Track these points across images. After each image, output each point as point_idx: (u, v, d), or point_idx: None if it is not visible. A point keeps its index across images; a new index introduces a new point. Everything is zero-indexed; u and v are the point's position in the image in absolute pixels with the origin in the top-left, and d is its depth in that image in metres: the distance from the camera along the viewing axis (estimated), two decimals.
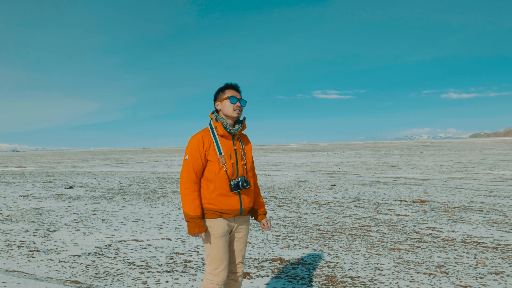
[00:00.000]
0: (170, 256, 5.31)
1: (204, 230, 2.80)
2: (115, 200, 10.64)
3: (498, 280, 4.25)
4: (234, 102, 2.86)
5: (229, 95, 2.88)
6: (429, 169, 20.80)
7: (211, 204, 2.82)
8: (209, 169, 2.83)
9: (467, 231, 6.55)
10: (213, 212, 2.83)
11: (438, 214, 8.11)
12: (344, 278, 4.40)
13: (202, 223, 2.79)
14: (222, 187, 2.82)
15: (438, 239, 6.04)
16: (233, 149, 2.90)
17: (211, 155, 2.82)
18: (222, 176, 2.82)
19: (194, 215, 2.77)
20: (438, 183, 14.28)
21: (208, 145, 2.83)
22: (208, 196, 2.83)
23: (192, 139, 2.88)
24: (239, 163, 2.90)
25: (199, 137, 2.85)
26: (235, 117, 2.88)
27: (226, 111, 2.87)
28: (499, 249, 5.43)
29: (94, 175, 20.25)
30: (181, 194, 2.84)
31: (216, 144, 2.85)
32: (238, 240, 3.01)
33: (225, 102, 2.88)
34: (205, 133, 2.87)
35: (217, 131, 2.87)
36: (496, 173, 17.62)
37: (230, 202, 2.84)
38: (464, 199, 10.03)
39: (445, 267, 4.71)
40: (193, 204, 2.79)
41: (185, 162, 2.85)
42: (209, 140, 2.85)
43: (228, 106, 2.86)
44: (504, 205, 9.08)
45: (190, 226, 2.79)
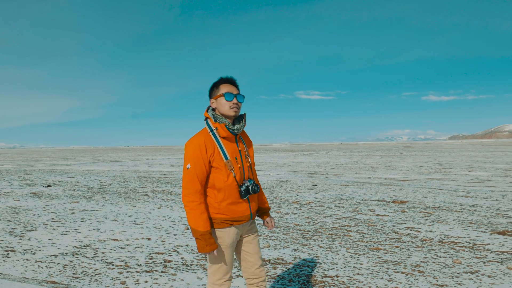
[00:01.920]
0: (150, 256, 5.26)
1: (216, 247, 2.53)
2: (95, 199, 10.51)
3: (473, 279, 4.34)
4: (230, 99, 2.55)
5: (224, 91, 2.57)
6: (409, 170, 21.10)
7: (220, 214, 2.57)
8: (216, 177, 2.54)
9: (445, 231, 6.67)
10: (223, 222, 2.59)
11: (417, 214, 8.23)
12: (324, 277, 4.43)
13: (213, 239, 2.52)
14: (232, 195, 2.57)
15: (416, 239, 6.12)
16: (237, 151, 2.64)
17: (217, 161, 2.53)
18: (232, 183, 2.56)
19: (204, 231, 2.48)
20: (417, 184, 14.49)
21: (212, 150, 2.52)
22: (217, 205, 2.57)
23: (191, 144, 2.54)
24: (245, 165, 2.66)
25: (201, 142, 2.51)
26: (233, 115, 2.58)
27: (222, 109, 2.58)
28: (475, 249, 5.54)
29: (73, 174, 19.95)
30: (186, 208, 2.52)
31: (221, 148, 2.55)
32: (251, 242, 2.77)
33: (220, 99, 2.57)
34: (206, 137, 2.55)
35: (218, 133, 2.56)
36: (473, 174, 17.97)
37: (240, 209, 2.61)
38: (442, 200, 10.20)
39: (422, 266, 4.78)
40: (202, 218, 2.49)
41: (188, 172, 2.52)
42: (212, 145, 2.54)
43: (224, 104, 2.56)
44: (480, 205, 9.27)
45: (200, 244, 2.50)
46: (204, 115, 2.66)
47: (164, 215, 8.18)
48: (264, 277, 2.79)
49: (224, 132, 2.55)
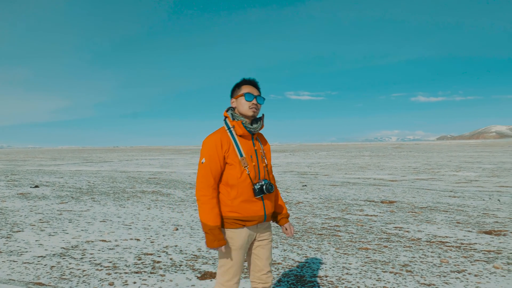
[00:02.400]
0: (139, 257, 5.23)
1: (224, 243, 2.55)
2: (83, 200, 10.42)
3: (460, 278, 4.38)
4: (250, 100, 2.62)
5: (245, 92, 2.65)
6: (398, 171, 21.24)
7: (233, 212, 2.58)
8: (230, 173, 2.58)
9: (432, 231, 6.73)
10: (235, 221, 2.59)
11: (405, 214, 8.29)
12: (313, 277, 4.44)
13: (222, 235, 2.54)
14: (246, 192, 2.58)
15: (405, 239, 6.17)
16: (253, 149, 2.67)
17: (231, 158, 2.57)
18: (245, 180, 2.58)
19: (214, 226, 2.51)
20: (406, 184, 14.60)
21: (227, 146, 2.58)
22: (230, 203, 2.58)
23: (208, 140, 2.60)
24: (260, 165, 2.68)
25: (217, 138, 2.58)
26: (251, 115, 2.64)
27: (241, 109, 2.64)
28: (462, 248, 5.60)
29: (62, 174, 19.77)
30: (198, 202, 2.57)
31: (236, 145, 2.60)
32: (263, 247, 2.76)
33: (241, 99, 2.65)
34: (222, 133, 2.61)
35: (235, 131, 2.63)
36: (461, 175, 18.16)
37: (253, 208, 2.60)
38: (430, 200, 10.29)
39: (410, 266, 4.82)
40: (213, 213, 2.53)
41: (202, 166, 2.57)
42: (228, 141, 2.59)
43: (244, 103, 2.63)
44: (468, 205, 9.37)
45: (208, 239, 2.53)
46: (223, 115, 2.73)
47: (153, 216, 8.14)
48: (270, 284, 2.77)
49: (240, 129, 2.61)
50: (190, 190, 12.81)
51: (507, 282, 4.23)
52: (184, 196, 11.30)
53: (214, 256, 5.24)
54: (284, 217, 2.88)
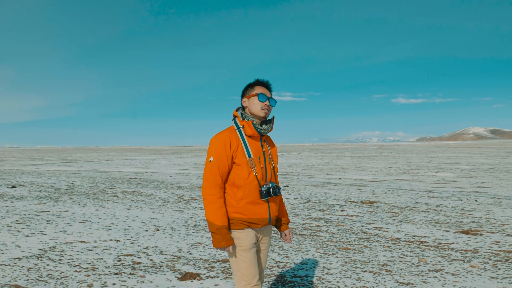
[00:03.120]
0: (118, 258, 5.17)
1: (232, 243, 2.50)
2: (62, 200, 10.26)
3: (438, 277, 4.46)
4: (263, 100, 2.59)
5: (258, 92, 2.61)
6: (378, 171, 21.49)
7: (238, 213, 2.53)
8: (237, 174, 2.53)
9: (411, 230, 6.82)
10: (241, 222, 2.54)
11: (385, 214, 8.39)
12: (293, 277, 4.46)
13: (229, 235, 2.49)
14: (252, 194, 2.53)
15: (384, 239, 6.24)
16: (261, 151, 2.63)
17: (239, 158, 2.53)
18: (252, 181, 2.53)
19: (222, 225, 2.46)
20: (386, 184, 14.78)
21: (236, 146, 2.53)
22: (236, 204, 2.53)
23: (216, 138, 2.55)
24: (267, 167, 2.63)
25: (226, 137, 2.53)
26: (262, 116, 2.60)
27: (253, 109, 2.60)
28: (439, 248, 5.69)
29: (40, 174, 19.42)
30: (204, 201, 2.52)
31: (245, 145, 2.56)
32: (262, 251, 2.74)
33: (253, 99, 2.60)
34: (232, 133, 2.57)
35: (244, 131, 2.58)
36: (440, 175, 18.47)
37: (259, 211, 2.57)
38: (409, 200, 10.44)
39: (389, 265, 4.88)
40: (220, 212, 2.48)
41: (210, 165, 2.52)
42: (237, 141, 2.55)
43: (256, 104, 2.59)
44: (446, 205, 9.53)
45: (216, 238, 2.47)
46: (233, 114, 2.69)
47: (133, 216, 8.06)
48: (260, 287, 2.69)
49: (250, 130, 2.57)
50: (171, 190, 12.73)
51: (483, 281, 4.32)
52: (165, 196, 11.22)
53: (195, 257, 5.22)
54: (285, 223, 2.86)
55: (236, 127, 2.61)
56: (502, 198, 10.90)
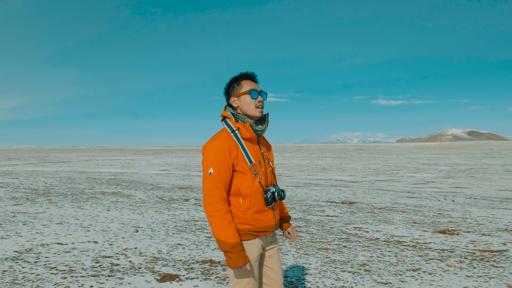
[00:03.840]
0: (96, 260, 5.10)
1: (248, 261, 2.27)
2: (39, 201, 10.06)
3: (415, 276, 4.52)
4: (255, 97, 2.34)
5: (249, 89, 2.35)
6: (359, 172, 21.71)
7: (245, 224, 2.33)
8: (241, 183, 2.30)
9: (390, 230, 6.91)
10: (248, 233, 2.34)
11: (365, 214, 8.47)
12: None
13: (244, 251, 2.27)
14: (258, 202, 2.33)
15: (364, 239, 6.31)
16: (260, 154, 2.42)
17: (241, 165, 2.29)
18: (257, 189, 2.33)
19: (235, 243, 2.22)
20: (366, 185, 14.93)
21: (235, 152, 2.29)
22: (242, 215, 2.31)
23: (214, 146, 2.28)
24: (267, 170, 2.43)
25: (224, 144, 2.27)
26: (259, 115, 2.37)
27: (246, 109, 2.36)
28: (417, 247, 5.77)
29: (17, 175, 19.03)
30: (211, 218, 2.25)
31: (244, 150, 2.32)
32: (274, 256, 2.54)
33: (245, 97, 2.35)
34: (228, 138, 2.31)
35: (241, 134, 2.34)
36: (419, 176, 18.75)
37: (265, 218, 2.38)
38: (389, 201, 10.57)
39: (368, 265, 4.93)
40: (231, 228, 2.24)
41: (210, 178, 2.25)
42: (236, 147, 2.30)
43: (249, 102, 2.35)
44: (424, 206, 9.68)
45: (231, 258, 2.23)
46: (222, 115, 2.44)
47: (112, 218, 7.96)
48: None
49: (248, 132, 2.33)
50: (151, 191, 12.61)
51: (459, 280, 4.40)
52: (145, 197, 11.11)
53: (174, 258, 5.18)
54: (287, 221, 2.70)
55: (230, 130, 2.35)
56: (479, 198, 11.13)
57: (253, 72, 2.44)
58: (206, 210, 2.28)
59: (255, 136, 2.37)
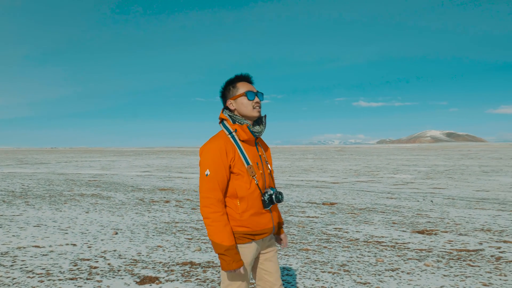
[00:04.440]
0: (74, 263, 5.02)
1: (242, 264, 2.28)
2: (16, 204, 9.86)
3: (394, 276, 4.58)
4: (252, 99, 2.35)
5: (245, 90, 2.36)
6: (340, 173, 21.89)
7: (242, 227, 2.32)
8: (238, 184, 2.30)
9: (370, 231, 6.98)
10: (244, 236, 2.33)
11: (345, 215, 8.55)
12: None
13: (239, 255, 2.28)
14: (256, 204, 2.33)
15: (344, 239, 6.36)
16: (258, 156, 2.42)
17: (238, 167, 2.30)
18: (254, 191, 2.33)
19: (230, 245, 2.23)
20: (347, 186, 15.07)
21: (232, 154, 2.29)
22: (239, 217, 2.31)
23: (210, 147, 2.29)
24: (265, 172, 2.44)
25: (221, 145, 2.28)
26: (257, 116, 2.38)
27: (244, 110, 2.36)
28: (396, 248, 5.85)
29: None
30: (206, 220, 2.26)
31: (241, 152, 2.33)
32: (271, 259, 2.53)
33: (241, 99, 2.36)
34: (225, 140, 2.32)
35: (238, 136, 2.35)
36: (398, 177, 19.01)
37: (263, 221, 2.37)
38: (369, 201, 10.68)
39: (348, 265, 4.97)
40: (226, 231, 2.24)
41: (207, 179, 2.26)
42: (233, 148, 2.31)
43: (246, 104, 2.35)
44: (403, 206, 9.82)
45: (225, 261, 2.24)
46: (219, 117, 2.45)
47: (91, 220, 7.85)
48: None
49: (245, 134, 2.34)
50: (131, 193, 12.49)
51: (436, 279, 4.47)
52: (125, 199, 10.99)
53: (154, 260, 5.14)
54: (281, 227, 2.67)
55: (227, 132, 2.37)
56: (456, 199, 11.34)
57: (248, 73, 2.46)
58: (202, 211, 2.28)
59: (252, 138, 2.38)
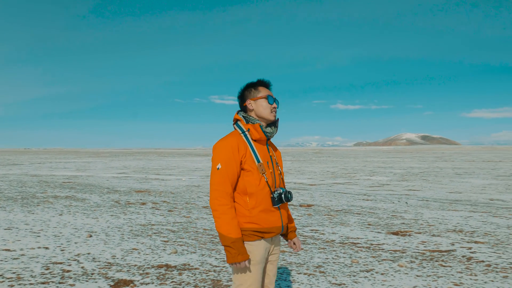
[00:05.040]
0: (46, 266, 4.92)
1: (248, 257, 2.32)
2: None
3: (368, 277, 4.64)
4: (271, 103, 2.49)
5: (266, 94, 2.50)
6: (317, 175, 22.04)
7: (251, 223, 2.37)
8: (247, 181, 2.37)
9: (346, 232, 7.05)
10: (253, 233, 2.38)
11: (322, 217, 8.61)
12: (229, 281, 4.46)
13: (244, 248, 2.32)
14: (265, 201, 2.39)
15: (320, 241, 6.41)
16: (268, 155, 2.51)
17: (248, 163, 2.38)
18: (264, 188, 2.40)
19: (237, 238, 2.29)
20: (324, 188, 15.18)
21: (244, 150, 2.38)
22: (248, 213, 2.37)
23: (223, 144, 2.38)
24: (275, 173, 2.52)
25: (233, 142, 2.37)
26: (272, 120, 2.50)
27: (262, 112, 2.48)
28: (371, 249, 5.93)
29: None
30: (215, 212, 2.32)
31: (252, 150, 2.42)
32: (273, 263, 2.59)
33: (261, 101, 2.48)
34: (238, 137, 2.42)
35: (250, 135, 2.45)
36: (374, 179, 19.26)
37: (272, 219, 2.42)
38: (345, 203, 10.79)
39: (323, 267, 5.01)
40: (233, 224, 2.30)
41: (217, 173, 2.34)
42: (245, 145, 2.40)
43: (265, 106, 2.48)
44: (379, 208, 9.95)
45: (231, 253, 2.28)
46: (234, 118, 2.55)
47: (65, 222, 7.70)
48: None
49: (257, 133, 2.44)
50: (107, 195, 12.30)
51: (409, 279, 4.55)
52: (100, 201, 10.82)
53: (129, 263, 5.07)
54: (293, 231, 2.72)
55: (240, 131, 2.47)
56: (430, 200, 11.55)
57: (269, 80, 2.59)
58: (211, 204, 2.36)
59: (264, 137, 2.48)
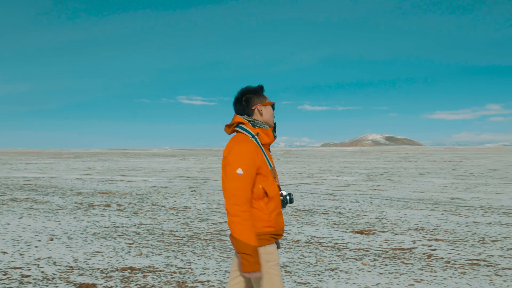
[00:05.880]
0: (4, 272, 4.74)
1: (261, 267, 2.28)
2: None
3: (332, 275, 4.71)
4: (274, 110, 2.55)
5: (272, 102, 2.53)
6: (285, 175, 22.22)
7: (269, 227, 2.35)
8: (266, 186, 2.35)
9: (311, 232, 7.14)
10: (271, 236, 2.37)
11: (288, 217, 8.68)
12: (195, 283, 4.43)
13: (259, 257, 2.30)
14: (279, 205, 2.42)
15: (286, 241, 6.45)
16: (272, 159, 2.51)
17: (264, 168, 2.37)
18: (277, 191, 2.42)
19: (256, 246, 2.24)
20: (291, 188, 15.30)
21: (261, 156, 2.37)
22: (267, 218, 2.34)
23: (244, 148, 2.31)
24: (276, 175, 2.54)
25: (252, 147, 2.33)
26: (272, 125, 2.53)
27: (268, 118, 2.48)
28: (336, 248, 6.02)
29: None
30: (236, 218, 2.23)
31: (264, 154, 2.42)
32: None
33: (269, 108, 2.50)
34: (254, 142, 2.39)
35: (260, 139, 2.43)
36: (341, 179, 19.58)
37: (282, 221, 2.45)
38: (312, 203, 10.92)
39: (289, 266, 5.05)
40: (253, 232, 2.25)
41: (239, 178, 2.26)
42: (260, 151, 2.39)
43: (271, 113, 2.51)
44: (344, 208, 10.12)
45: (249, 261, 2.21)
46: (235, 121, 2.47)
47: (25, 226, 7.45)
48: None
49: (267, 138, 2.45)
50: (70, 197, 11.98)
51: (372, 277, 4.65)
52: (63, 203, 10.53)
53: (92, 267, 4.96)
54: None
55: (250, 135, 2.41)
56: (394, 200, 11.84)
57: None
58: (231, 209, 2.26)
59: (273, 141, 2.51)
